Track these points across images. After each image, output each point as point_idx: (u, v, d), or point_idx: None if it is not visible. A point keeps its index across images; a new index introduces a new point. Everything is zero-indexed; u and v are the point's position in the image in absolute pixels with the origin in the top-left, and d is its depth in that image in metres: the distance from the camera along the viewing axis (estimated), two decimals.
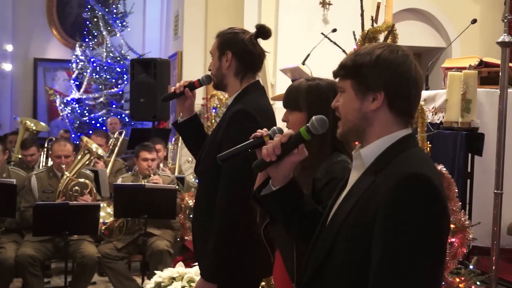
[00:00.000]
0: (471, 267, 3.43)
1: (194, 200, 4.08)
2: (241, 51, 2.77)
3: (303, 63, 4.97)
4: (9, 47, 12.29)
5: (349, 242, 1.62)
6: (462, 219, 3.25)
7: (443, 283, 3.12)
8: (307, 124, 1.80)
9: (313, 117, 1.80)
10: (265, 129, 2.11)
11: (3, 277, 4.83)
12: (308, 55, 4.98)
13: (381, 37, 3.56)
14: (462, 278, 3.26)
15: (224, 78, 2.82)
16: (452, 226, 3.15)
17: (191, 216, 4.99)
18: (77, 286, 5.27)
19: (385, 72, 1.67)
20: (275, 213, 1.93)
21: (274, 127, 2.21)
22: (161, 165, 6.52)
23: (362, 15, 3.83)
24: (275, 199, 1.86)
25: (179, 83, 2.93)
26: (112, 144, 8.04)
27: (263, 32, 2.80)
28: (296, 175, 1.91)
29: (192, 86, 2.87)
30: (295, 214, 1.89)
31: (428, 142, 3.41)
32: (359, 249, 1.59)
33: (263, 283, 3.74)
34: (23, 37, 12.60)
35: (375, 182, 1.62)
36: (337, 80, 1.81)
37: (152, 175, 5.66)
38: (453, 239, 3.18)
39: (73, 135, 10.83)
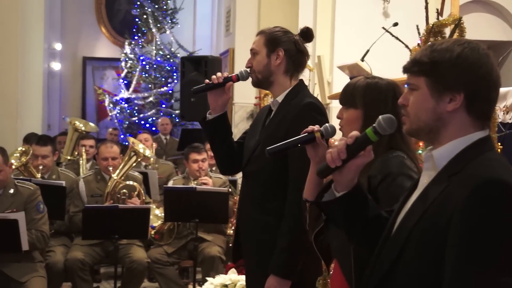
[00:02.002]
0: None
1: None
2: (293, 49, 2.84)
3: (362, 60, 4.92)
4: (58, 46, 12.54)
5: (420, 247, 1.59)
6: None
7: None
8: (374, 125, 1.75)
9: (380, 117, 1.76)
10: (317, 125, 2.10)
11: (52, 281, 4.92)
12: (368, 51, 4.93)
13: (447, 31, 3.49)
14: None
15: (272, 75, 2.87)
16: None
17: None
18: None
19: (467, 72, 1.62)
20: (337, 219, 1.90)
21: (326, 124, 2.20)
22: (214, 168, 6.55)
23: (426, 7, 3.77)
24: (338, 206, 1.83)
25: (217, 74, 2.92)
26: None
27: (307, 35, 2.88)
28: None
29: (229, 80, 2.88)
30: (359, 220, 1.85)
31: (499, 144, 3.33)
32: (431, 255, 1.55)
33: None
34: (72, 35, 12.86)
35: (449, 187, 1.58)
36: (406, 76, 1.76)
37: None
38: None
39: (122, 136, 10.96)
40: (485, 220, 1.47)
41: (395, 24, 4.61)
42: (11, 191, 4.64)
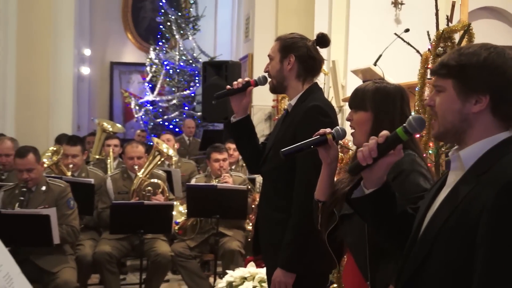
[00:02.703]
0: None
1: None
2: (304, 55, 2.85)
3: (375, 64, 4.90)
4: (87, 52, 12.62)
5: (449, 244, 1.58)
6: None
7: None
8: (404, 125, 1.75)
9: (411, 117, 1.75)
10: (328, 128, 2.10)
11: (82, 272, 4.96)
12: (380, 55, 4.91)
13: (457, 37, 3.47)
14: None
15: (285, 80, 2.88)
16: None
17: None
18: (151, 283, 5.35)
19: (493, 75, 1.61)
20: (366, 215, 1.89)
21: (338, 127, 2.20)
22: (233, 166, 6.57)
23: (436, 14, 3.75)
24: (368, 202, 1.82)
25: (237, 80, 2.95)
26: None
27: (323, 41, 2.88)
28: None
29: (248, 85, 2.90)
30: (387, 216, 1.84)
31: None
32: (460, 252, 1.54)
33: (335, 285, 3.71)
34: (100, 41, 12.94)
35: (477, 186, 1.56)
36: (433, 78, 1.75)
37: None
38: None
39: (147, 137, 11.01)
40: (510, 219, 1.46)
41: (407, 30, 4.59)
42: (43, 188, 4.68)
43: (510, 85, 1.62)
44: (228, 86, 2.94)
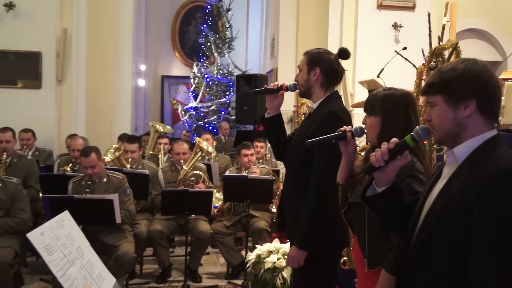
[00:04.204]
0: None
1: None
2: (327, 68, 2.81)
3: (378, 76, 4.87)
4: (143, 67, 12.72)
5: (448, 228, 1.56)
6: None
7: None
8: (412, 133, 1.72)
9: (417, 127, 1.73)
10: (349, 126, 2.07)
11: (138, 246, 5.01)
12: (382, 69, 4.88)
13: (446, 53, 3.42)
14: None
15: (311, 88, 2.86)
16: None
17: None
18: (195, 255, 5.38)
19: (474, 82, 1.59)
20: (379, 210, 1.85)
21: (356, 126, 2.17)
22: (260, 160, 6.57)
23: (429, 35, 3.72)
24: (380, 200, 1.79)
25: (275, 82, 2.95)
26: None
27: (344, 54, 2.84)
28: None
29: (281, 88, 2.89)
30: (397, 209, 1.81)
31: None
32: (458, 234, 1.52)
33: (345, 258, 3.70)
34: (153, 58, 13.03)
35: (471, 175, 1.54)
36: (424, 97, 1.73)
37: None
38: None
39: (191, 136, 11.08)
40: (503, 203, 1.44)
41: (404, 48, 4.55)
42: (105, 180, 4.72)
43: (488, 87, 1.60)
44: (265, 86, 2.93)
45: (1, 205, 4.38)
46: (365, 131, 2.26)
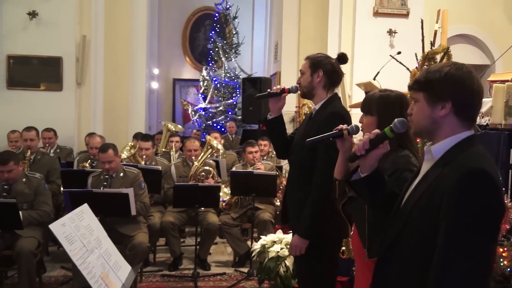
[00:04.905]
0: None
1: None
2: (330, 70, 2.81)
3: (374, 79, 4.85)
4: (156, 71, 12.72)
5: (420, 219, 1.56)
6: (506, 201, 3.05)
7: None
8: (391, 125, 1.73)
9: (396, 120, 1.73)
10: (345, 125, 2.07)
11: (152, 236, 5.02)
12: (378, 72, 4.86)
13: (438, 57, 3.40)
14: (505, 248, 3.07)
15: (314, 89, 2.84)
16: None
17: None
18: (204, 245, 5.38)
19: (452, 86, 1.58)
20: (362, 193, 1.87)
21: (352, 124, 2.16)
22: (265, 157, 6.55)
23: (422, 40, 3.69)
24: (363, 184, 1.81)
25: (277, 86, 2.93)
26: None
27: (343, 58, 2.83)
28: None
29: (283, 91, 2.87)
30: (378, 195, 1.83)
31: None
32: (428, 225, 1.52)
33: (343, 248, 3.68)
34: (165, 63, 13.04)
35: (443, 172, 1.54)
36: (410, 92, 1.73)
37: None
38: None
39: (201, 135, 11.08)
40: (467, 200, 1.44)
41: (399, 53, 4.52)
42: (121, 174, 4.71)
43: (467, 92, 1.59)
44: (268, 90, 2.91)
45: (25, 198, 4.39)
46: (361, 129, 2.25)
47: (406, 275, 1.59)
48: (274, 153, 7.04)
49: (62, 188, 5.33)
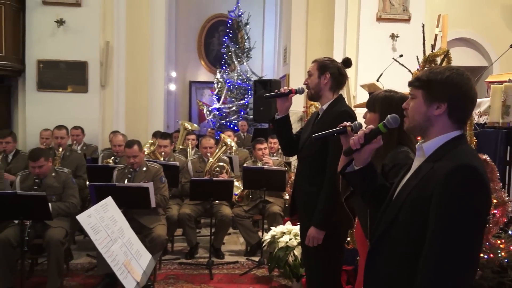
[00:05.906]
0: (509, 232, 3.18)
1: None
2: (336, 73, 2.81)
3: (377, 80, 4.81)
4: (173, 74, 12.75)
5: (411, 211, 1.56)
6: (503, 195, 3.02)
7: (487, 243, 2.91)
8: (384, 121, 1.73)
9: (388, 116, 1.72)
10: (349, 122, 2.07)
11: (170, 227, 5.04)
12: (381, 74, 4.82)
13: (438, 60, 3.37)
14: (503, 241, 3.03)
15: (321, 91, 2.83)
16: (494, 201, 2.93)
17: None
18: (218, 235, 5.40)
19: (451, 89, 1.58)
20: (356, 185, 1.87)
21: (356, 121, 2.16)
22: (274, 154, 6.55)
23: (423, 44, 3.66)
24: (356, 176, 1.81)
25: (284, 87, 2.93)
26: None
27: (347, 63, 2.84)
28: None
29: (290, 92, 2.86)
30: (370, 187, 1.82)
31: (475, 138, 3.20)
32: (419, 217, 1.52)
33: (348, 238, 3.67)
34: (182, 66, 13.06)
35: (433, 168, 1.54)
36: (410, 87, 1.72)
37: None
38: (495, 211, 2.95)
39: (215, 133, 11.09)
40: (457, 191, 1.44)
41: (401, 56, 4.49)
42: (144, 169, 4.74)
43: (464, 97, 1.58)
44: (276, 90, 2.90)
45: (54, 191, 4.44)
46: (364, 126, 2.24)
47: (397, 264, 1.57)
48: None
49: (87, 182, 5.37)
